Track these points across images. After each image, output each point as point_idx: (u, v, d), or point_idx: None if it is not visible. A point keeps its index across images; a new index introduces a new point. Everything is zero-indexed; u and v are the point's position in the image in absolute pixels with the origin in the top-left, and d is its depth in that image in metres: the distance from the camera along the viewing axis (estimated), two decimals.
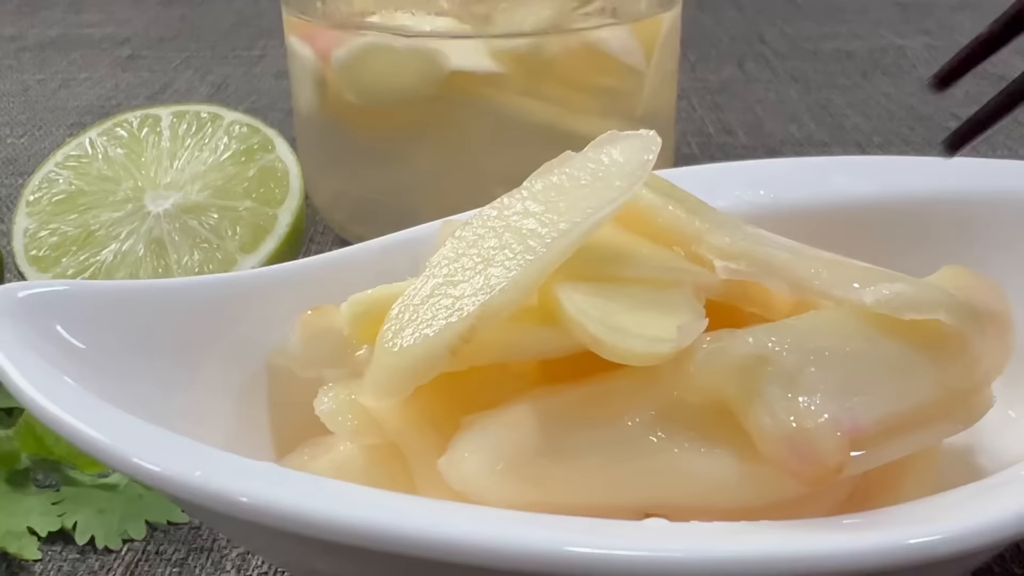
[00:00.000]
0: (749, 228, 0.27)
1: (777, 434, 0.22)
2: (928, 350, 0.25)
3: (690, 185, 0.33)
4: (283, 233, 0.38)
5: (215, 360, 0.28)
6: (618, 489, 0.23)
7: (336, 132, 0.45)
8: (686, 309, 0.24)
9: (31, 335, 0.24)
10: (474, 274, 0.24)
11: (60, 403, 0.22)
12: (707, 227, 0.26)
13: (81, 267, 0.36)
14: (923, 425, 0.24)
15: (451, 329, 0.23)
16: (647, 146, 0.25)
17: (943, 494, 0.24)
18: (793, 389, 0.22)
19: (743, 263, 0.25)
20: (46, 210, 0.38)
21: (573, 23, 0.42)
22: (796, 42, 0.83)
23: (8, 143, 0.63)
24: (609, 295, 0.24)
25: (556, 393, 0.24)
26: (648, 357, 0.22)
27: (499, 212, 0.26)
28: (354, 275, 0.30)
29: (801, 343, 0.23)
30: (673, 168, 0.37)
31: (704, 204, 0.28)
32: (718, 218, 0.27)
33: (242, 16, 0.96)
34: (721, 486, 0.23)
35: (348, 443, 0.26)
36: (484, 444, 0.23)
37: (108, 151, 0.39)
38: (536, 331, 0.24)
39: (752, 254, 0.26)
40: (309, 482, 0.21)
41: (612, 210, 0.24)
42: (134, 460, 0.20)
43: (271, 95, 0.72)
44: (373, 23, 0.42)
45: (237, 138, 0.40)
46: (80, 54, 0.83)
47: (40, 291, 0.26)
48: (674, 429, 0.23)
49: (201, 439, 0.26)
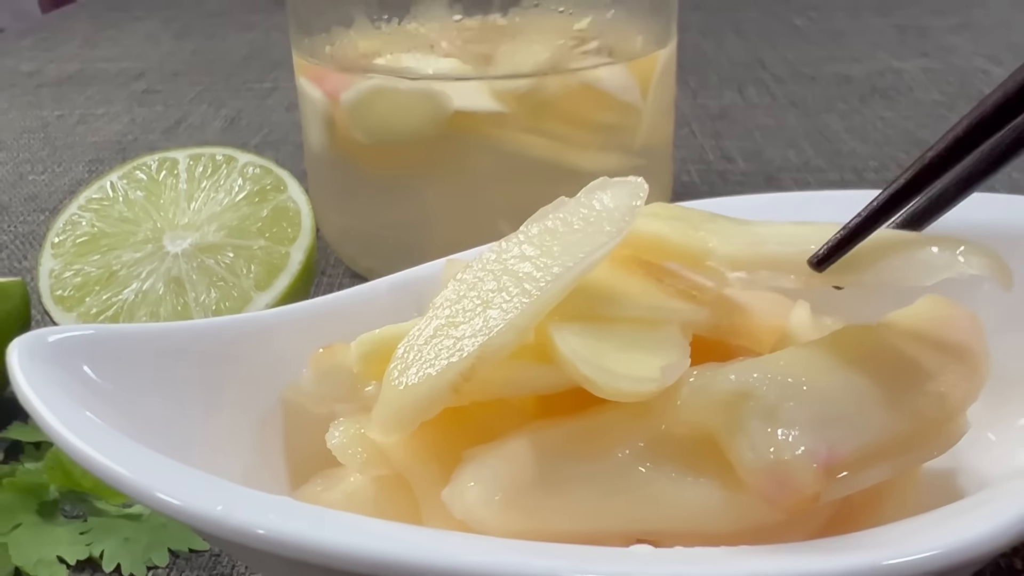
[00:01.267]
0: (757, 226, 0.29)
1: (757, 466, 0.23)
2: (903, 382, 0.26)
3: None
4: (296, 270, 0.39)
5: (233, 396, 0.30)
6: (608, 517, 0.24)
7: (345, 169, 0.47)
8: (672, 348, 0.25)
9: (61, 376, 0.26)
10: (474, 316, 0.26)
11: (88, 440, 0.23)
12: (715, 241, 0.28)
13: (104, 306, 0.38)
14: (899, 453, 0.26)
15: (453, 368, 0.25)
16: (635, 192, 0.27)
17: (919, 516, 0.25)
18: (773, 423, 0.24)
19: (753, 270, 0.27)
20: (70, 251, 0.40)
21: (571, 63, 0.43)
22: (796, 66, 0.84)
23: (30, 180, 0.65)
24: (600, 335, 0.25)
25: (552, 427, 0.26)
26: (634, 395, 0.24)
27: (497, 256, 0.28)
28: (364, 313, 0.32)
29: (781, 378, 0.25)
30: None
31: (709, 215, 0.30)
32: (724, 227, 0.29)
33: (253, 48, 0.98)
34: (706, 513, 0.24)
35: (358, 475, 0.28)
36: (483, 476, 0.24)
37: (128, 193, 0.41)
38: (533, 369, 0.26)
39: (758, 258, 0.27)
40: (318, 515, 0.23)
41: (602, 254, 0.26)
42: (158, 495, 0.22)
43: (283, 128, 0.74)
44: (379, 66, 0.44)
45: (251, 179, 0.42)
46: (97, 89, 0.85)
47: (68, 335, 0.28)
48: (661, 460, 0.25)
49: (221, 471, 0.28)
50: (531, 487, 0.24)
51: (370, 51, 0.44)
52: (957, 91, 0.76)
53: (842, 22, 0.98)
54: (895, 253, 0.26)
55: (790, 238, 0.28)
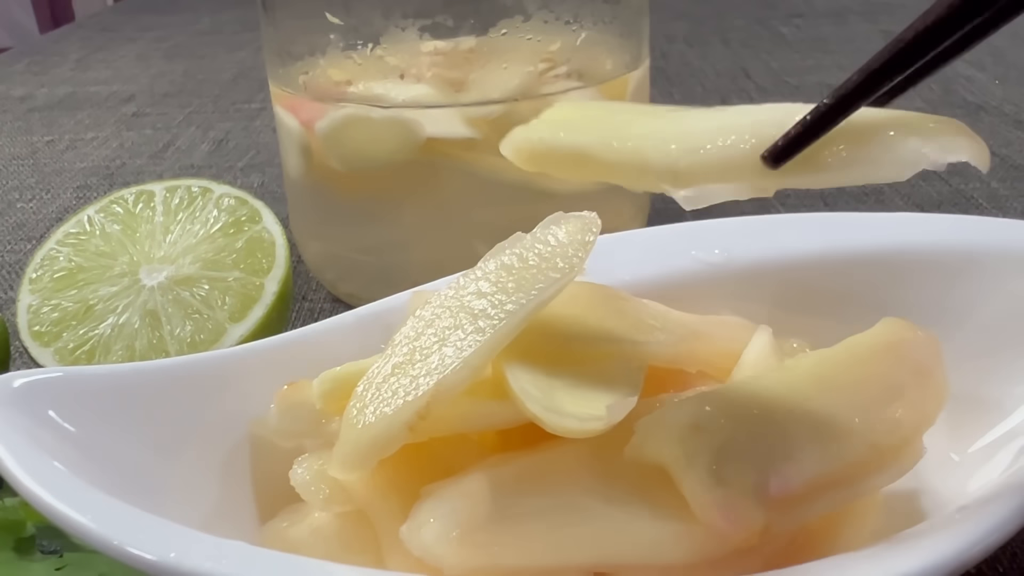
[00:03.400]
0: (695, 118, 0.25)
1: (707, 499, 0.23)
2: (858, 409, 0.27)
3: (646, 247, 0.36)
4: (270, 301, 0.40)
5: (201, 434, 0.30)
6: (565, 552, 0.25)
7: (322, 196, 0.48)
8: (622, 383, 0.26)
9: (26, 422, 0.27)
10: (430, 353, 0.26)
11: (48, 488, 0.24)
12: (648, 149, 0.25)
13: (81, 341, 0.38)
14: (853, 480, 0.26)
15: (408, 407, 0.25)
16: (588, 227, 0.27)
17: (873, 545, 0.25)
18: (722, 456, 0.24)
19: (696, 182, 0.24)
20: (48, 287, 0.40)
21: (541, 88, 0.44)
22: (780, 75, 0.85)
23: (18, 208, 0.66)
24: (552, 371, 0.26)
25: (509, 461, 0.26)
26: (582, 433, 0.24)
27: (455, 292, 0.28)
28: (332, 347, 0.32)
29: (733, 411, 0.25)
30: (636, 229, 0.39)
31: (630, 109, 0.27)
32: (654, 127, 0.25)
33: (242, 68, 0.99)
34: (662, 545, 0.25)
35: (322, 511, 0.28)
36: (440, 513, 0.25)
37: (105, 227, 0.42)
38: (489, 405, 0.26)
39: (702, 166, 0.24)
40: (271, 560, 0.23)
41: (556, 291, 0.26)
42: (114, 543, 0.22)
43: (270, 149, 0.74)
44: (352, 94, 0.44)
45: (226, 210, 0.42)
46: (87, 113, 0.86)
47: (34, 379, 0.28)
48: (617, 493, 0.25)
49: (188, 508, 0.28)
50: (488, 523, 0.25)
51: (343, 80, 0.45)
52: (940, 98, 0.76)
53: (828, 29, 0.98)
54: (861, 144, 0.23)
55: (736, 129, 0.24)
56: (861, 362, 0.29)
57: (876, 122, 0.23)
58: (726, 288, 0.35)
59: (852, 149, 0.23)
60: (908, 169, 0.23)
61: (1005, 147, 0.65)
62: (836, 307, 0.35)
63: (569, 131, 0.27)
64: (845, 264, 0.35)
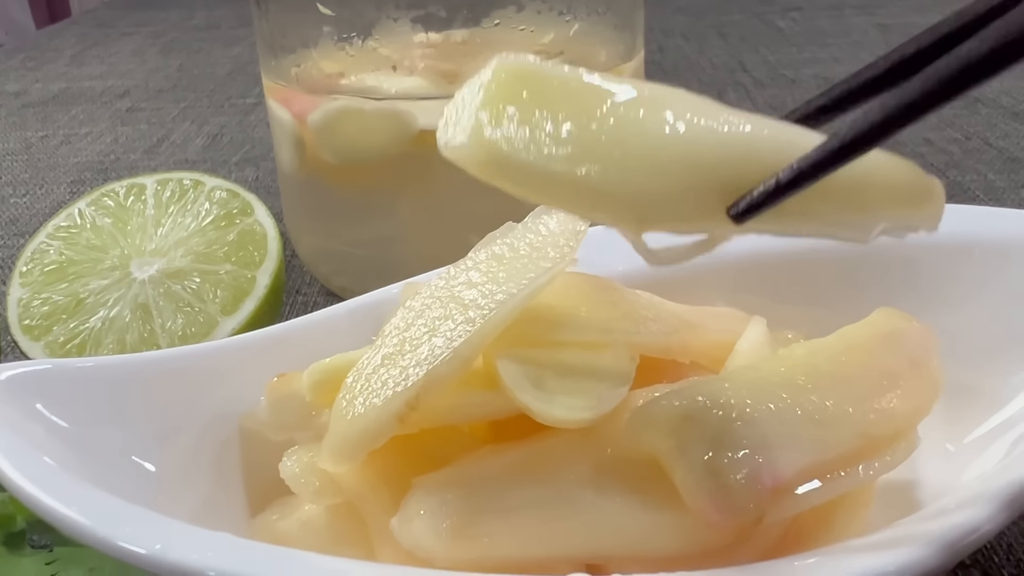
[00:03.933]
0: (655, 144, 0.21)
1: (699, 490, 0.23)
2: (852, 399, 0.26)
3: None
4: (262, 294, 0.39)
5: (191, 427, 0.30)
6: (556, 543, 0.24)
7: (315, 189, 0.47)
8: (614, 374, 0.25)
9: (14, 416, 0.26)
10: (420, 344, 0.26)
11: (38, 483, 0.24)
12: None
13: (71, 335, 0.38)
14: (847, 471, 0.26)
15: (398, 398, 0.25)
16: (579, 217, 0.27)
17: (867, 536, 0.25)
18: (715, 446, 0.24)
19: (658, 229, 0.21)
20: (38, 280, 0.40)
21: None
22: (777, 69, 0.84)
23: (11, 203, 0.66)
24: (543, 362, 0.25)
25: (499, 453, 0.26)
26: (571, 423, 0.24)
27: (446, 282, 0.28)
28: (323, 339, 0.32)
29: (726, 400, 0.25)
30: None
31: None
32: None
33: (238, 63, 0.98)
34: (654, 536, 0.25)
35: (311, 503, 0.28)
36: (430, 505, 0.25)
37: (96, 220, 0.42)
38: (480, 395, 0.26)
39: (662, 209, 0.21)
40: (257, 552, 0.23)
41: (546, 280, 0.26)
42: (103, 537, 0.22)
43: (264, 144, 0.74)
44: (344, 86, 0.44)
45: (218, 203, 0.42)
46: (81, 108, 0.86)
47: (22, 372, 0.28)
48: (608, 484, 0.25)
49: (178, 501, 0.28)
50: (478, 515, 0.25)
51: (335, 72, 0.45)
52: None
53: (825, 22, 0.98)
54: (827, 202, 0.22)
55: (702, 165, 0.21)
56: (855, 352, 0.28)
57: (848, 185, 0.22)
58: (720, 279, 0.35)
59: (818, 206, 0.22)
60: (870, 237, 0.22)
61: (1003, 139, 0.65)
62: (830, 297, 0.35)
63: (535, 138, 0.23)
64: (839, 254, 0.35)
